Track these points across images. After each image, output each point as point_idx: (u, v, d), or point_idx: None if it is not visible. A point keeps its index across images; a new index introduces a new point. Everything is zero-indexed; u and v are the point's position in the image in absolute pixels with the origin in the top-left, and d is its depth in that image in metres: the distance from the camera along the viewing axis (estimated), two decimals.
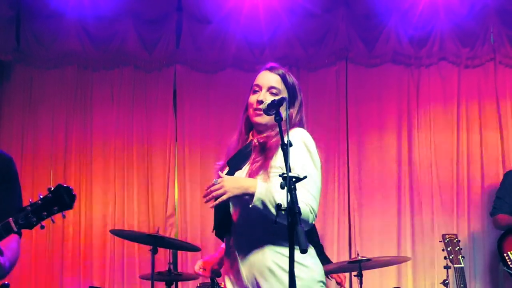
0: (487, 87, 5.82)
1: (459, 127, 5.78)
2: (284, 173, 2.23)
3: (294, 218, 2.18)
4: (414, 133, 5.80)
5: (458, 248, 4.28)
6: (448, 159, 5.76)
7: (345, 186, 5.79)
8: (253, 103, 2.69)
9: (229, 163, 2.72)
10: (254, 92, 2.72)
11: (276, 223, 2.40)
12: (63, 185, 2.29)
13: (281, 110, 2.46)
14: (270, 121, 2.63)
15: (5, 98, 5.87)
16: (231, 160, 2.72)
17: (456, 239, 4.32)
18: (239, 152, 2.73)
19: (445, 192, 5.71)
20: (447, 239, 4.32)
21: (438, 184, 5.72)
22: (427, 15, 5.75)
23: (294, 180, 2.24)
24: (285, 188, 2.22)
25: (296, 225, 2.16)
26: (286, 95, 2.65)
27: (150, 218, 5.73)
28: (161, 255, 5.39)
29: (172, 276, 4.78)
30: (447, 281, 4.43)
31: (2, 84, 5.90)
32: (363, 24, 5.88)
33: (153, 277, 4.47)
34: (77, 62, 5.87)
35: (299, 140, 2.58)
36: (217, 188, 2.46)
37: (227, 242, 2.70)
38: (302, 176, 2.27)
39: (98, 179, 5.78)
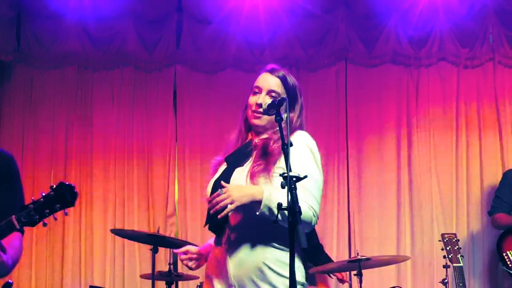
0: (486, 87, 5.82)
1: (458, 127, 5.79)
2: (285, 172, 2.24)
3: (295, 218, 2.18)
4: (414, 133, 5.81)
5: (457, 247, 4.29)
6: (447, 159, 5.76)
7: (344, 185, 5.80)
8: (252, 105, 2.70)
9: (228, 159, 2.73)
10: (254, 94, 2.72)
11: (276, 223, 2.40)
12: (65, 182, 2.31)
13: (281, 110, 2.47)
14: (268, 123, 2.65)
15: (5, 99, 5.88)
16: (229, 157, 2.73)
17: (455, 239, 4.33)
18: (238, 150, 2.74)
19: (444, 191, 5.71)
20: (446, 239, 4.33)
21: (437, 184, 5.73)
22: (426, 16, 5.76)
23: (294, 179, 2.24)
24: (286, 187, 2.22)
25: (296, 225, 2.16)
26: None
27: (150, 218, 5.74)
28: (161, 255, 5.42)
29: (173, 276, 4.78)
30: (446, 280, 4.43)
31: (3, 85, 5.91)
32: (363, 24, 5.89)
33: (154, 276, 4.48)
34: (77, 63, 5.88)
35: (302, 142, 2.59)
36: (224, 198, 2.45)
37: (217, 238, 2.68)
38: (302, 175, 2.27)
39: (98, 179, 5.79)
